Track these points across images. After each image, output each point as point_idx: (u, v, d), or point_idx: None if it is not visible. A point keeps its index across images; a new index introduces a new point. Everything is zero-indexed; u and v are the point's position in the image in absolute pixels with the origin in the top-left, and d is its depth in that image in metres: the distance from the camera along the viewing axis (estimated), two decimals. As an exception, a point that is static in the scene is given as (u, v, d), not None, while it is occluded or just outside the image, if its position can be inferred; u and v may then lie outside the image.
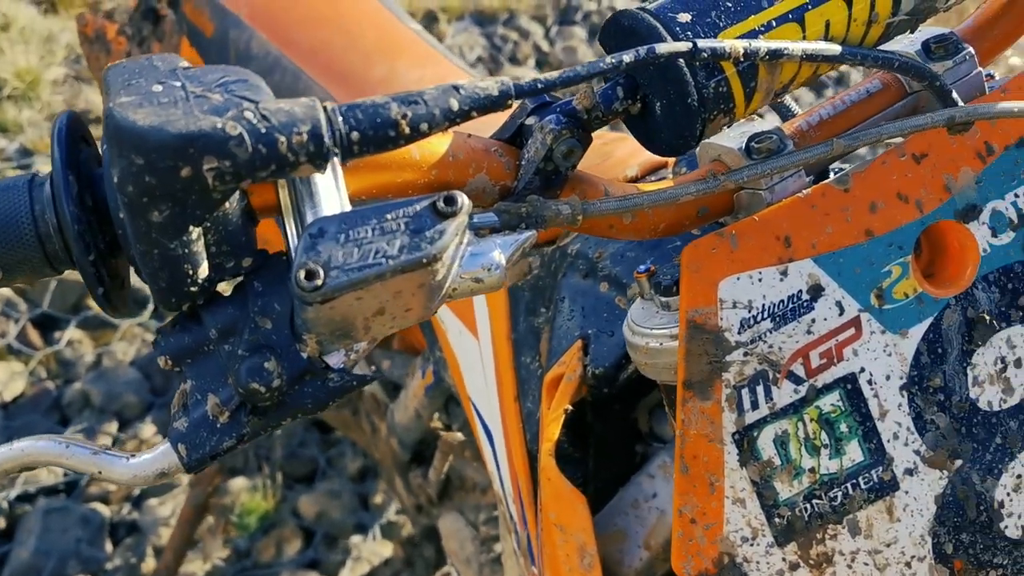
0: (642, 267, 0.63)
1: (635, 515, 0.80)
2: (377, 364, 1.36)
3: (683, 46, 0.45)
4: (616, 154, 0.88)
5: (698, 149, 0.61)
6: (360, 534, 1.87)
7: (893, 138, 0.54)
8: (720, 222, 0.62)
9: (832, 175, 0.62)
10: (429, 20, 2.73)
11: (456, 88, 0.42)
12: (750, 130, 0.58)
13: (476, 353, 0.94)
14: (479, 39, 2.68)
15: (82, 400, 2.05)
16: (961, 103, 0.58)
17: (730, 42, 0.46)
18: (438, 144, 0.47)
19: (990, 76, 0.66)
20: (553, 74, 0.43)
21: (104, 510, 1.90)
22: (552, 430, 0.73)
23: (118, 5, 1.49)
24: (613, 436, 0.85)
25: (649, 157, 0.88)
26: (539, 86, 0.43)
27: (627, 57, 0.44)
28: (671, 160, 0.87)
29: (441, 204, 0.41)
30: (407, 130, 0.41)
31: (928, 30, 0.61)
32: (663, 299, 0.61)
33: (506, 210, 0.47)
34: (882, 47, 0.61)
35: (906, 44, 0.61)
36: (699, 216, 0.58)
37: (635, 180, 0.87)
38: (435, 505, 1.30)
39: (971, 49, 0.60)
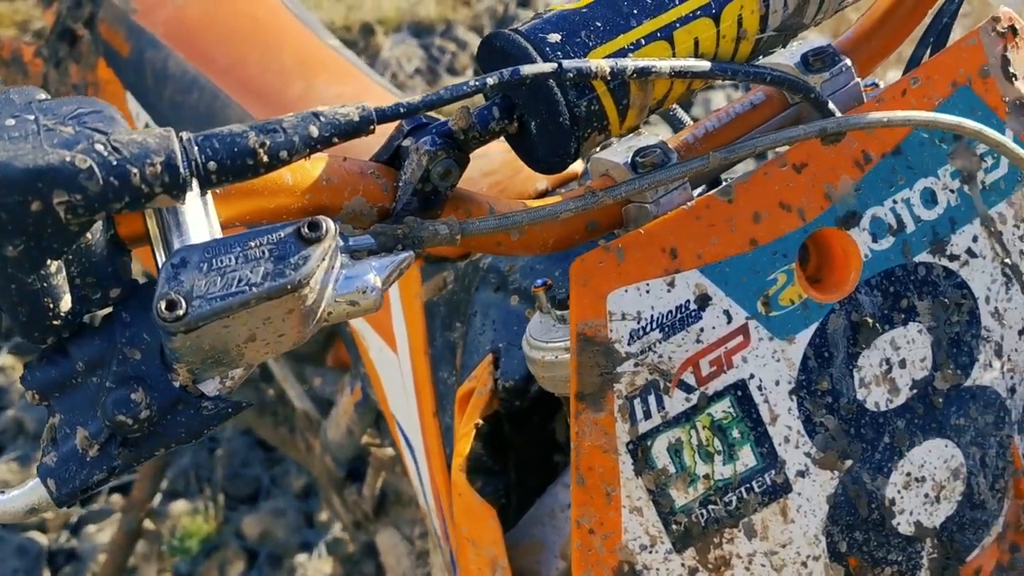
0: (539, 281, 0.64)
1: (552, 525, 0.80)
2: (308, 381, 1.36)
3: (548, 67, 0.46)
4: (527, 167, 0.88)
5: (588, 164, 0.62)
6: (305, 552, 1.85)
7: (768, 150, 0.56)
8: (615, 233, 0.63)
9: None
10: (366, 33, 2.72)
11: (316, 115, 0.42)
12: (637, 144, 0.59)
13: (396, 369, 0.95)
14: (417, 51, 2.69)
15: (16, 427, 2.01)
16: (838, 113, 0.59)
17: (596, 62, 0.47)
18: (312, 168, 0.47)
19: (874, 85, 0.68)
20: (416, 98, 0.44)
21: (42, 539, 1.86)
22: (463, 445, 0.74)
23: (47, 25, 1.47)
24: (532, 447, 0.85)
25: (560, 169, 0.88)
26: (401, 110, 0.44)
27: (491, 79, 0.44)
28: (580, 171, 0.88)
29: (305, 230, 0.41)
30: (266, 158, 0.41)
31: (807, 42, 0.63)
32: (559, 312, 0.62)
33: (382, 232, 0.47)
34: (764, 60, 0.63)
35: (787, 56, 0.62)
36: (589, 230, 0.59)
37: (545, 193, 0.87)
38: (371, 521, 1.30)
39: (848, 61, 0.61)
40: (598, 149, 0.64)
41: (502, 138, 0.54)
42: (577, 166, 0.89)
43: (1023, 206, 0.64)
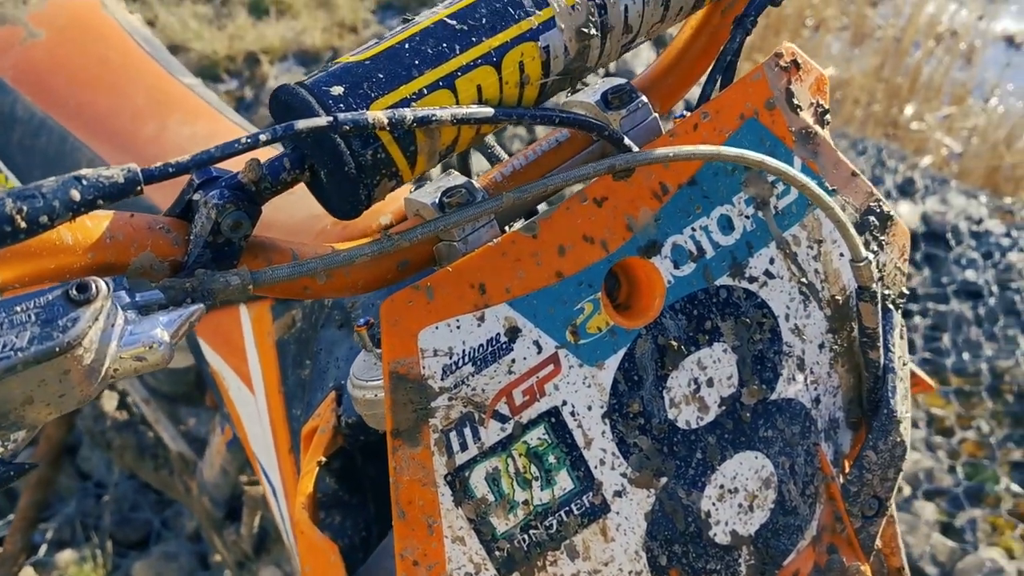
0: (361, 320, 0.65)
1: (403, 556, 0.81)
2: (183, 421, 1.34)
3: (322, 121, 0.47)
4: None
5: (403, 204, 0.64)
6: (200, 595, 1.81)
7: (562, 188, 0.58)
8: (435, 269, 0.64)
9: None
10: (251, 63, 2.70)
11: (78, 178, 0.43)
12: (445, 184, 0.61)
13: (254, 407, 0.95)
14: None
15: None
16: (634, 148, 0.62)
17: (374, 113, 0.49)
18: (94, 227, 0.48)
19: (681, 117, 0.72)
20: (185, 157, 0.45)
21: (-83, 601, 1.77)
22: (305, 483, 0.74)
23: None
24: (388, 478, 0.86)
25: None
26: (170, 170, 0.45)
27: (264, 136, 0.46)
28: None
29: (74, 292, 0.42)
30: (24, 224, 0.42)
31: (607, 80, 0.66)
32: (378, 351, 0.64)
33: (171, 286, 0.48)
34: (571, 98, 0.66)
35: (589, 95, 0.65)
36: (400, 270, 0.61)
37: (388, 227, 0.89)
38: (253, 560, 1.29)
39: (644, 98, 0.65)
40: (413, 189, 0.66)
41: None
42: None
43: (815, 228, 0.68)
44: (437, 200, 0.60)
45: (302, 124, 0.47)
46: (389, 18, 3.01)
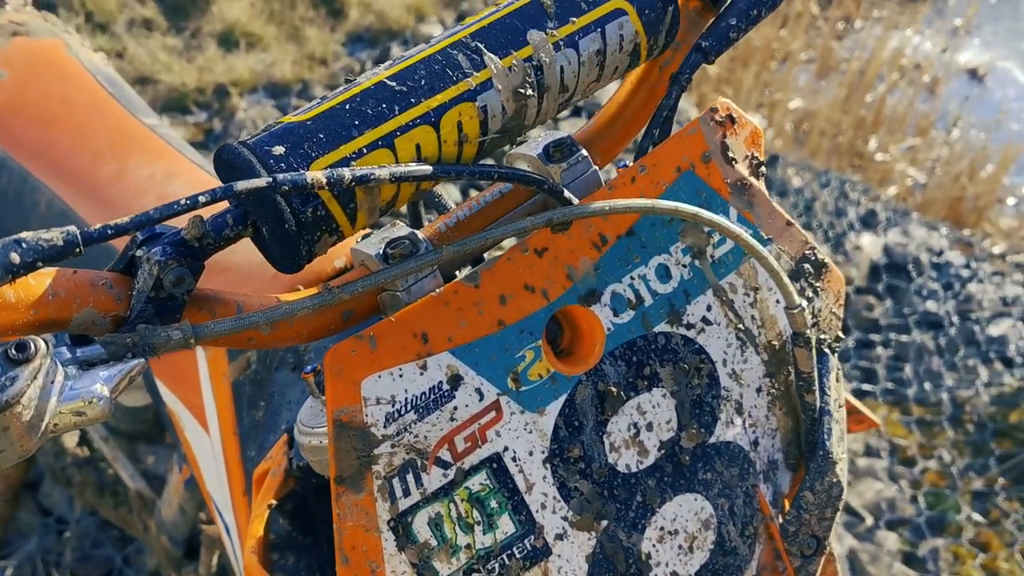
0: (308, 368, 0.67)
1: (354, 598, 0.82)
2: (142, 459, 1.34)
3: (262, 182, 0.49)
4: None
5: (351, 254, 0.65)
6: (162, 632, 1.80)
7: (500, 241, 0.60)
8: (381, 317, 0.66)
9: None
10: (220, 95, 2.71)
11: (18, 242, 0.44)
12: (390, 235, 0.63)
13: (209, 448, 0.95)
14: (272, 111, 2.69)
15: None
16: (574, 200, 0.64)
17: (313, 173, 0.51)
18: (37, 284, 0.49)
19: (625, 166, 0.74)
20: (125, 219, 0.46)
21: None
22: (256, 527, 0.75)
23: None
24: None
25: (359, 247, 0.92)
26: (110, 232, 0.46)
27: (203, 198, 0.47)
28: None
29: (12, 351, 0.43)
30: (-37, 287, 0.43)
31: (549, 134, 0.68)
32: (324, 398, 0.65)
33: (112, 341, 0.49)
34: (515, 150, 0.68)
35: (532, 148, 0.67)
36: (344, 320, 0.62)
37: (344, 270, 0.90)
38: (212, 599, 1.28)
39: (584, 151, 0.67)
40: (359, 239, 0.67)
41: None
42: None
43: (751, 276, 0.70)
44: (381, 251, 0.61)
45: (242, 185, 0.48)
46: (359, 51, 3.03)
